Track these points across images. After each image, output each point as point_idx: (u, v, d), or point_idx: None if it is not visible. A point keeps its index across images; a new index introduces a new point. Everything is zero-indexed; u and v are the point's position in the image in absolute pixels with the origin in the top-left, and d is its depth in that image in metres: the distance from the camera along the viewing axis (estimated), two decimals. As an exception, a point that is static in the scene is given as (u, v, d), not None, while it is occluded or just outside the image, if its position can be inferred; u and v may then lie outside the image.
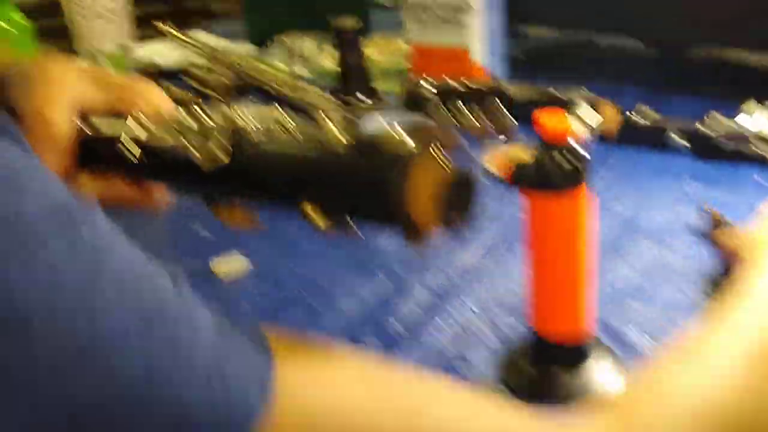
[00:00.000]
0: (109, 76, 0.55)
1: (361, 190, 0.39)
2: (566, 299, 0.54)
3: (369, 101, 1.18)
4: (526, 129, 1.01)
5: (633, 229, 0.77)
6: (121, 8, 1.24)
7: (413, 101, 1.12)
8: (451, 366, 0.60)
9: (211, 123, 0.46)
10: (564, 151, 0.50)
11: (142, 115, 0.49)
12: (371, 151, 0.39)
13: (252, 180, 0.45)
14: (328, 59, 1.31)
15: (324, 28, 1.29)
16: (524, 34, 1.34)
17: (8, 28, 1.22)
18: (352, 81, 1.18)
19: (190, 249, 0.80)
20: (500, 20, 1.15)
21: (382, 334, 0.64)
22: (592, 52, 1.30)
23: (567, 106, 0.98)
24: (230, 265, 0.76)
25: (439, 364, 0.60)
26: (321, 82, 1.30)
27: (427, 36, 1.17)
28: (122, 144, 0.49)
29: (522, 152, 0.95)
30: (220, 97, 1.26)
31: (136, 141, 0.48)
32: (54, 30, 1.24)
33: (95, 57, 1.18)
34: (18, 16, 1.24)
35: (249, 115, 0.45)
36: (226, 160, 0.44)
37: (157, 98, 0.54)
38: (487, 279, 0.71)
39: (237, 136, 0.44)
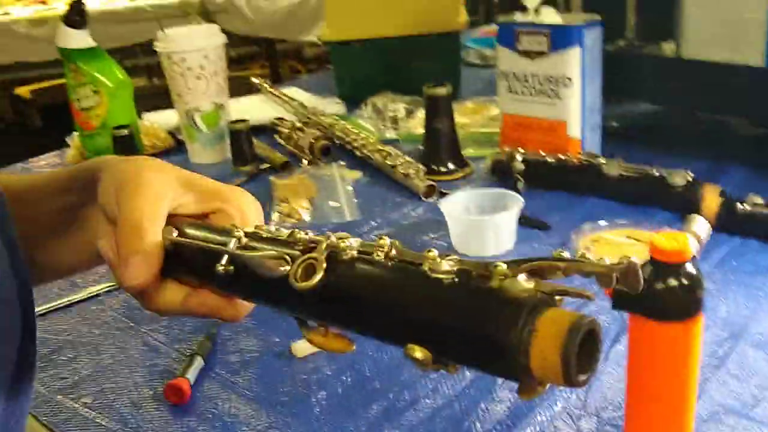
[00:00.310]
0: (203, 182, 0.54)
1: (473, 339, 0.36)
2: (665, 425, 0.50)
3: (456, 168, 1.16)
4: (621, 209, 0.98)
5: (739, 336, 0.71)
6: (220, 69, 1.26)
7: (502, 172, 1.09)
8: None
9: (307, 239, 0.45)
10: (681, 277, 0.46)
11: (237, 228, 0.49)
12: (484, 293, 0.36)
13: (346, 310, 0.42)
14: (418, 123, 1.30)
15: (415, 92, 1.28)
16: (621, 108, 1.30)
17: (108, 83, 1.25)
18: (441, 147, 1.16)
19: (274, 328, 0.78)
20: (598, 93, 1.11)
21: (462, 436, 0.61)
22: (692, 129, 1.24)
23: (666, 188, 0.94)
24: (308, 345, 0.74)
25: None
26: (409, 147, 1.29)
27: (522, 106, 1.14)
28: (214, 257, 0.48)
29: (612, 235, 0.92)
30: (307, 156, 1.25)
31: (229, 255, 0.47)
32: (152, 89, 1.27)
33: (192, 115, 1.19)
34: (119, 72, 1.27)
35: (352, 240, 0.43)
36: (319, 280, 0.42)
37: (249, 208, 0.54)
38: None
39: (333, 257, 0.42)
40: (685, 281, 0.46)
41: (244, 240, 0.47)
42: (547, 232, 0.96)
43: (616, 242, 0.89)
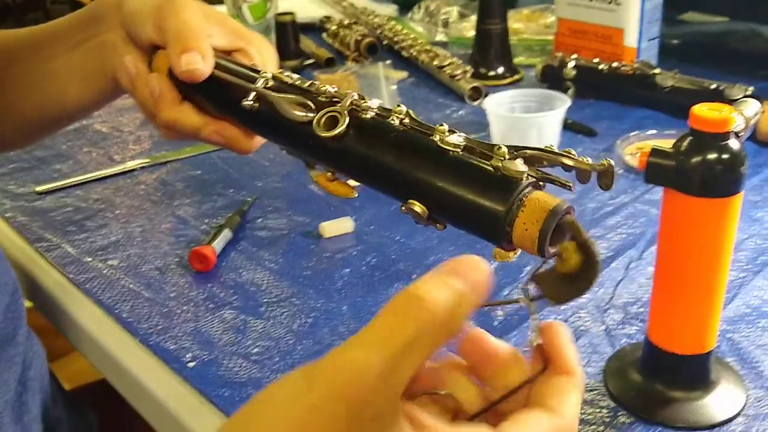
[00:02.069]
0: (228, 20, 0.58)
1: (469, 205, 0.40)
2: (692, 310, 0.48)
3: (505, 73, 1.12)
4: (671, 122, 0.94)
5: (781, 244, 0.68)
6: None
7: (552, 78, 1.06)
8: (554, 367, 0.55)
9: (332, 92, 0.47)
10: (722, 152, 0.43)
11: (269, 75, 0.51)
12: (485, 168, 0.40)
13: (359, 162, 0.45)
14: (470, 27, 1.26)
15: (469, -6, 1.24)
16: (683, 20, 1.24)
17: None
18: (491, 50, 1.12)
19: (304, 210, 0.78)
20: (659, 3, 1.06)
21: (481, 321, 0.60)
22: (754, 50, 1.18)
23: (723, 101, 0.90)
24: (338, 226, 0.73)
25: (540, 363, 0.55)
26: (459, 50, 1.26)
27: (579, 11, 1.10)
28: (242, 92, 0.51)
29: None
30: (353, 55, 1.23)
31: (257, 93, 0.50)
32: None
33: (239, 6, 1.17)
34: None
35: (372, 101, 0.46)
36: (340, 132, 0.44)
37: (269, 55, 0.58)
38: (608, 280, 0.64)
39: (355, 114, 0.45)
40: (725, 156, 0.43)
41: (271, 82, 0.50)
42: (593, 138, 0.93)
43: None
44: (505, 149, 0.40)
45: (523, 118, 0.89)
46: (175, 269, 0.69)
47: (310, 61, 1.23)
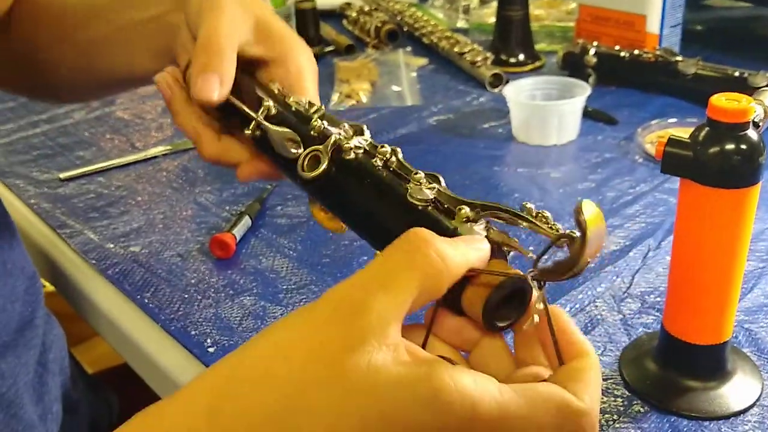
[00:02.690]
0: (275, 27, 0.56)
1: None
2: (709, 300, 0.47)
3: (526, 60, 1.12)
4: (693, 110, 0.93)
5: (802, 234, 0.68)
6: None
7: (573, 65, 1.05)
8: (570, 356, 0.55)
9: (322, 127, 0.47)
10: (740, 142, 0.43)
11: (272, 104, 0.50)
12: (443, 229, 0.40)
13: (336, 204, 0.47)
14: (491, 13, 1.26)
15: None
16: (706, 5, 1.23)
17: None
18: (512, 37, 1.12)
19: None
20: (683, -13, 1.05)
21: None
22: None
23: (746, 88, 0.89)
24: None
25: (556, 351, 0.56)
26: (479, 37, 1.25)
27: (600, -2, 1.09)
28: (246, 120, 0.51)
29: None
30: (373, 42, 1.23)
31: (256, 122, 0.50)
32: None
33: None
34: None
35: (361, 139, 0.46)
36: (319, 173, 0.46)
37: (307, 67, 0.55)
38: (625, 269, 0.64)
39: (337, 154, 0.46)
40: (743, 146, 0.43)
41: (273, 110, 0.50)
42: (613, 127, 0.92)
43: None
44: (467, 210, 0.39)
45: (543, 106, 0.89)
46: (196, 256, 0.70)
47: (330, 48, 1.23)
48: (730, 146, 0.43)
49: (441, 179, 0.43)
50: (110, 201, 0.81)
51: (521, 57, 1.12)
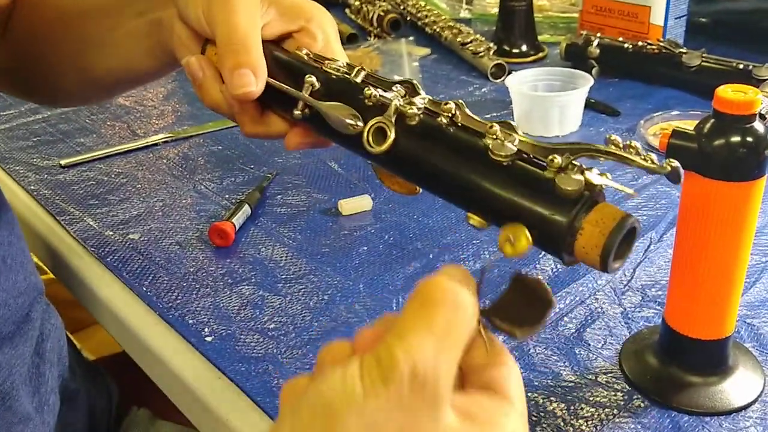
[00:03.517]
0: None
1: (524, 222, 0.38)
2: (711, 294, 0.47)
3: (529, 51, 1.11)
4: (697, 102, 0.93)
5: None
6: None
7: (576, 56, 1.04)
8: (571, 348, 0.55)
9: (377, 96, 0.44)
10: (746, 134, 0.42)
11: (314, 78, 0.48)
12: (538, 183, 0.38)
13: (413, 172, 0.44)
14: (494, 3, 1.25)
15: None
16: (712, 5, 1.22)
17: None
18: (515, 27, 1.11)
19: (323, 187, 0.78)
20: (688, -22, 1.04)
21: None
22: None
23: (750, 81, 0.88)
24: (356, 203, 0.73)
25: (557, 343, 0.55)
26: (482, 27, 1.24)
27: (604, -12, 1.08)
28: (292, 100, 0.49)
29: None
30: (375, 31, 1.22)
31: (304, 101, 0.49)
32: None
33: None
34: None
35: (419, 100, 0.44)
36: (388, 146, 0.43)
37: (329, 28, 0.54)
38: (627, 263, 0.64)
39: (402, 122, 0.43)
40: (749, 139, 0.42)
41: (317, 85, 0.48)
42: (616, 118, 0.92)
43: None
44: (558, 159, 0.37)
45: (545, 97, 0.88)
46: (195, 244, 0.69)
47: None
48: (735, 138, 0.42)
49: (515, 126, 0.41)
50: (110, 188, 0.80)
51: (524, 48, 1.11)
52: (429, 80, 1.07)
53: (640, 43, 0.99)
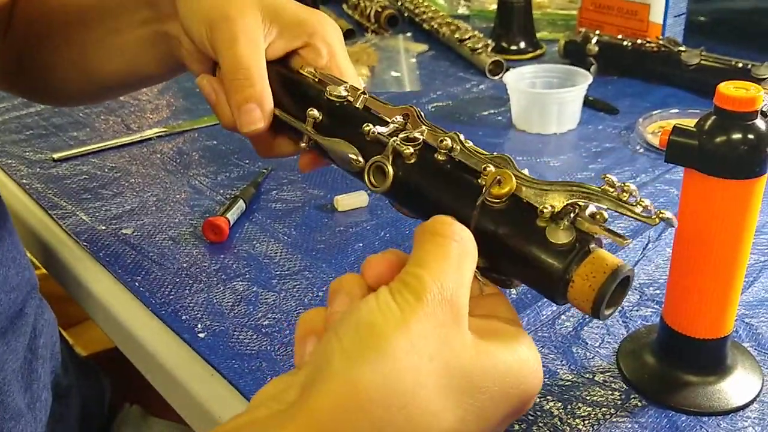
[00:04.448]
0: (287, 11, 0.53)
1: (513, 267, 0.40)
2: (710, 293, 0.46)
3: (527, 48, 1.11)
4: (696, 101, 0.92)
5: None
6: None
7: (575, 54, 1.04)
8: (568, 347, 0.54)
9: (375, 133, 0.45)
10: (747, 132, 0.41)
11: (316, 112, 0.49)
12: (529, 233, 0.38)
13: (411, 206, 0.45)
14: (492, 0, 1.24)
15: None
16: (712, 4, 1.21)
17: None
18: (513, 24, 1.11)
19: (319, 182, 0.78)
20: (687, -24, 1.04)
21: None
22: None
23: (749, 80, 0.88)
24: (352, 200, 0.73)
25: (555, 343, 0.55)
26: (480, 24, 1.24)
27: (603, -14, 1.07)
28: (297, 132, 0.50)
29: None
30: (373, 27, 1.21)
31: (307, 136, 0.49)
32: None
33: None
34: None
35: (418, 134, 0.44)
36: (387, 187, 0.44)
37: (334, 39, 0.54)
38: (624, 260, 0.63)
39: (400, 161, 0.44)
40: (750, 136, 0.42)
41: (320, 117, 0.49)
42: (614, 117, 0.91)
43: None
44: (549, 208, 0.37)
45: (543, 94, 0.88)
46: (189, 239, 0.69)
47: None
48: (736, 135, 0.42)
49: (512, 162, 0.41)
50: (103, 182, 0.80)
51: (522, 45, 1.11)
52: (426, 77, 1.07)
53: (639, 41, 0.99)
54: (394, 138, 0.44)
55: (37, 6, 0.66)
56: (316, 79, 0.52)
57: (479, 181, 0.41)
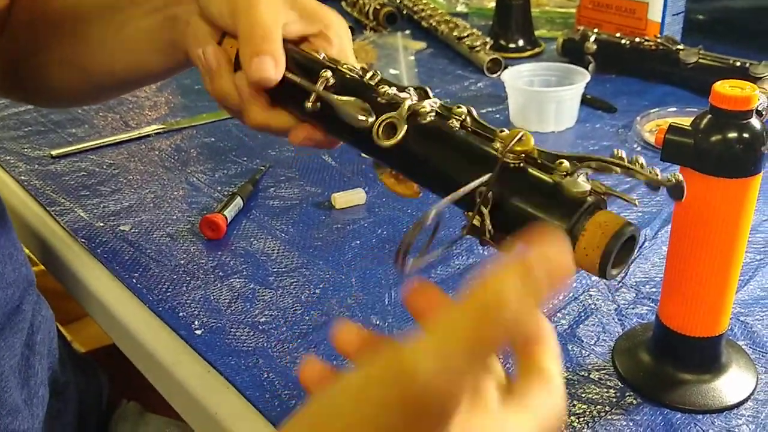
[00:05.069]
0: (312, 3, 0.54)
1: (526, 222, 0.39)
2: (705, 292, 0.47)
3: (525, 46, 1.11)
4: (694, 99, 0.92)
5: (800, 227, 0.67)
6: None
7: (573, 52, 1.04)
8: (564, 345, 0.54)
9: (391, 93, 0.45)
10: (742, 131, 0.42)
11: (326, 62, 0.49)
12: (545, 185, 0.39)
13: (419, 169, 0.44)
14: (491, -2, 1.24)
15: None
16: (711, 3, 1.21)
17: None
18: (512, 22, 1.11)
19: (316, 180, 0.78)
20: (686, -25, 1.04)
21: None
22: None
23: (747, 78, 0.88)
24: (350, 197, 0.73)
25: (549, 340, 0.55)
26: (479, 22, 1.24)
27: (601, -16, 1.08)
28: (304, 93, 0.49)
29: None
30: (371, 24, 1.21)
31: (316, 94, 0.49)
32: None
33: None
34: None
35: (431, 102, 0.44)
36: (398, 140, 0.44)
37: (345, 34, 0.55)
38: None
39: (414, 120, 0.44)
40: (745, 135, 0.42)
41: (332, 80, 0.48)
42: (612, 115, 0.91)
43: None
44: (566, 164, 0.38)
45: (541, 92, 0.88)
46: (186, 236, 0.69)
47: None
48: (732, 134, 0.42)
49: (528, 135, 0.41)
50: (101, 179, 0.80)
51: (521, 43, 1.11)
52: (425, 74, 1.07)
53: (637, 40, 0.99)
54: (412, 98, 0.44)
55: (39, 4, 0.66)
56: (327, 60, 0.52)
57: (494, 144, 0.41)
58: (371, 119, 0.45)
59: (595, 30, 1.03)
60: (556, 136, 0.87)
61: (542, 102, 0.86)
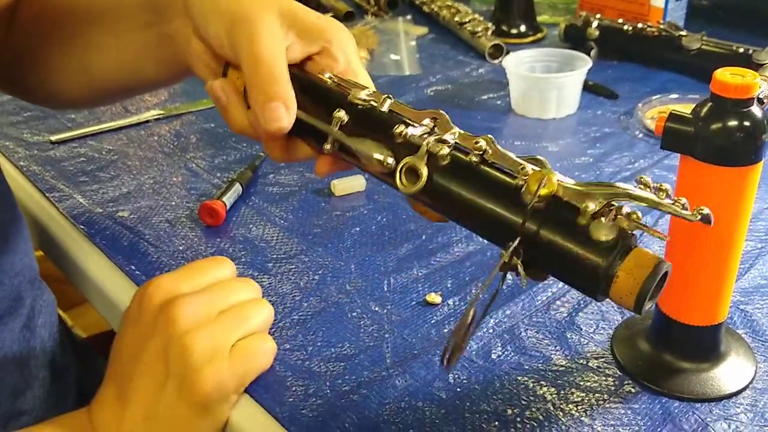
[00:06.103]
0: (304, 17, 0.52)
1: (555, 267, 0.40)
2: (705, 280, 0.46)
3: (527, 32, 1.10)
4: (696, 86, 0.92)
5: (802, 215, 0.67)
6: None
7: (575, 38, 1.03)
8: (563, 333, 0.54)
9: (407, 135, 0.45)
10: (743, 119, 0.41)
11: (342, 113, 0.48)
12: (572, 230, 0.39)
13: (446, 209, 0.45)
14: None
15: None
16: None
17: None
18: (514, 7, 1.10)
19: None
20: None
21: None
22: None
23: (750, 65, 0.87)
24: (349, 184, 0.72)
25: (549, 329, 0.55)
26: (481, 7, 1.23)
27: (604, -31, 1.07)
28: (322, 135, 0.49)
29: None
30: (372, 9, 1.21)
31: (333, 137, 0.48)
32: None
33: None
34: None
35: (449, 136, 0.44)
36: (419, 188, 0.44)
37: (350, 47, 0.53)
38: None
39: (434, 161, 0.43)
40: (746, 123, 0.41)
41: (345, 118, 0.48)
42: (614, 102, 0.91)
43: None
44: (592, 206, 0.38)
45: (542, 78, 0.87)
46: (185, 222, 0.69)
47: (329, 14, 1.21)
48: (732, 123, 0.41)
49: (545, 163, 0.41)
50: (101, 165, 0.79)
51: (522, 28, 1.10)
52: (426, 60, 1.06)
53: (639, 25, 0.98)
54: (428, 140, 0.44)
55: (42, 5, 0.65)
56: (336, 84, 0.51)
57: (516, 181, 0.41)
58: (391, 161, 0.45)
59: (598, 16, 1.02)
60: (558, 123, 0.87)
61: (544, 88, 0.86)
